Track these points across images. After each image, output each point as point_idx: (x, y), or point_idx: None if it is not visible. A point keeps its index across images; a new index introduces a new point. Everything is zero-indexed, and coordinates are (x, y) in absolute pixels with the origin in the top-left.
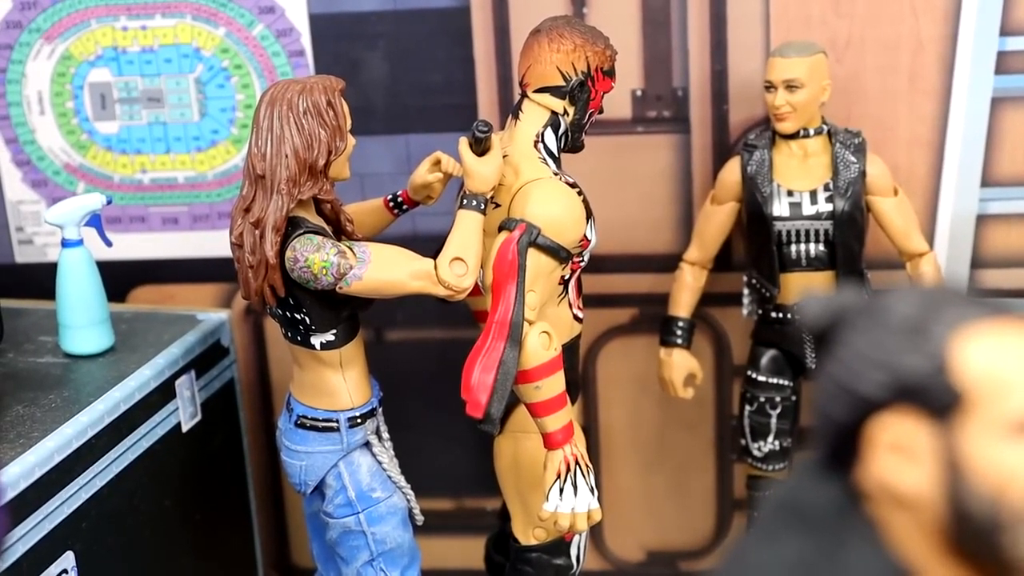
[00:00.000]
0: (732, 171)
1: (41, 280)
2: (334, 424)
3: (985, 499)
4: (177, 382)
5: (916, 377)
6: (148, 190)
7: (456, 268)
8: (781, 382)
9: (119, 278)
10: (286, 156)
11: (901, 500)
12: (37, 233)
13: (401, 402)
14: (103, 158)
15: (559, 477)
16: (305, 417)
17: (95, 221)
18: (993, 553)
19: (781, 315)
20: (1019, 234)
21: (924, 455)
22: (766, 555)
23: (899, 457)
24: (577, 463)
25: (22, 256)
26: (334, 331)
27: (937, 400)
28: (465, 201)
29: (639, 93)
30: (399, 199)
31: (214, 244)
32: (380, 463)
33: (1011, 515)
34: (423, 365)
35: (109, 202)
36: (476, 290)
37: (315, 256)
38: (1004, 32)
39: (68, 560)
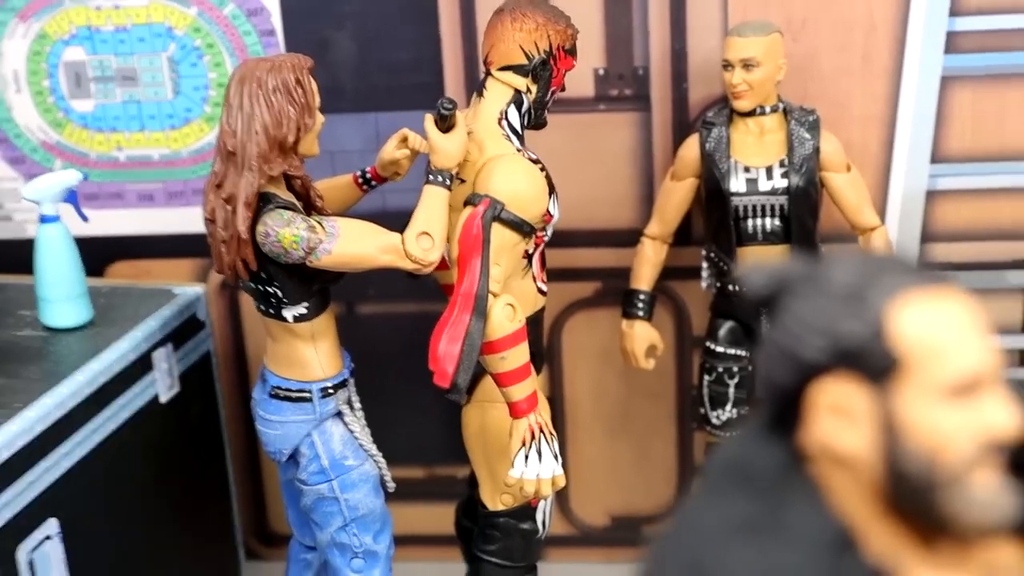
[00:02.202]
0: (691, 148)
1: (20, 255)
2: (307, 394)
3: (920, 459)
4: (154, 355)
5: (854, 342)
6: (124, 167)
7: (422, 242)
8: (738, 352)
9: (96, 253)
10: (256, 133)
11: (841, 460)
12: (16, 209)
13: (372, 373)
14: (79, 136)
15: (524, 445)
16: (279, 388)
17: (72, 197)
18: (928, 511)
19: (738, 288)
20: (967, 209)
21: (863, 417)
22: (713, 514)
23: (839, 419)
24: (542, 431)
25: (2, 233)
26: (305, 304)
27: (875, 364)
28: (431, 177)
29: (601, 72)
30: (368, 175)
31: (189, 220)
32: (352, 432)
33: (945, 475)
34: (394, 337)
35: (85, 178)
36: (443, 264)
37: (285, 231)
38: (953, 13)
39: (51, 527)
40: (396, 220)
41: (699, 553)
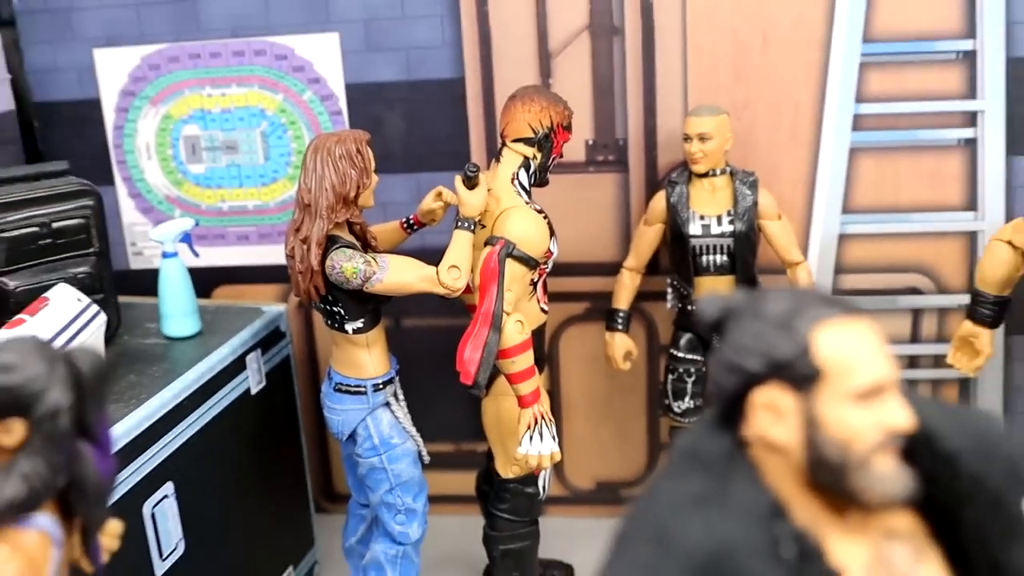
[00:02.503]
0: (659, 201)
1: (148, 281)
2: (363, 389)
3: (835, 448)
4: (247, 357)
5: (786, 359)
6: (226, 215)
7: (452, 273)
8: (695, 357)
9: (205, 280)
10: (326, 190)
11: (774, 448)
12: (146, 247)
13: (414, 372)
14: (193, 191)
15: (529, 428)
16: (341, 384)
17: (187, 238)
18: (841, 486)
19: (694, 308)
20: (870, 248)
21: (791, 415)
22: (674, 489)
23: (773, 417)
24: (543, 417)
25: (135, 264)
26: (362, 320)
27: (801, 376)
28: (459, 223)
29: (590, 142)
30: (411, 221)
31: (275, 255)
32: (397, 418)
33: (854, 459)
34: (430, 345)
35: (197, 224)
36: (468, 289)
37: (347, 264)
38: (859, 100)
39: (168, 488)
40: (432, 256)
41: (663, 519)
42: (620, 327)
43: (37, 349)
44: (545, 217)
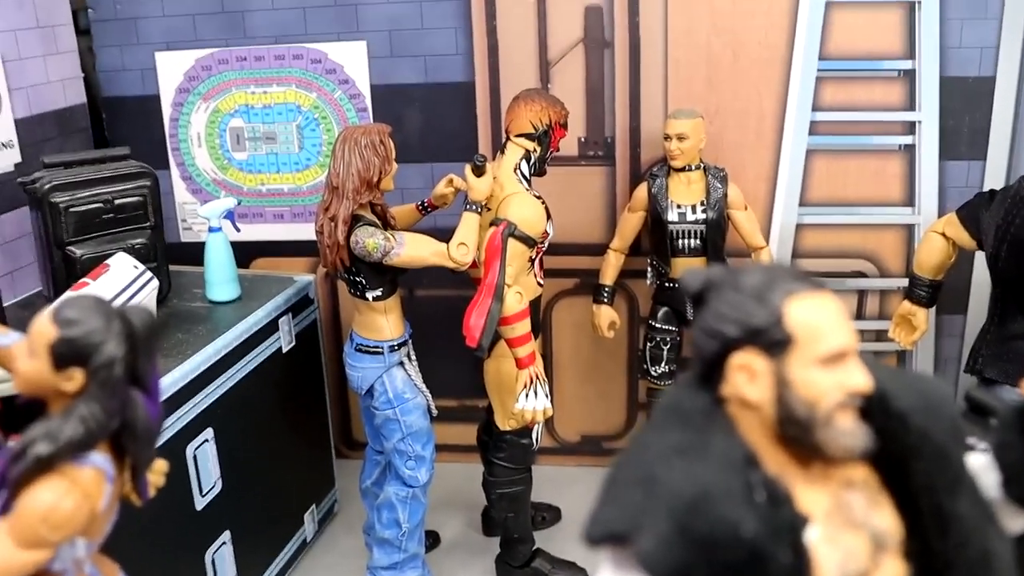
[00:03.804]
0: (642, 191)
1: (196, 253)
2: (380, 349)
3: (803, 406)
4: (280, 320)
5: (760, 326)
6: (265, 196)
7: (461, 249)
8: (670, 328)
9: (245, 253)
10: (353, 175)
11: (749, 405)
12: (195, 223)
13: (426, 336)
14: (237, 175)
15: (525, 386)
16: (361, 344)
17: (230, 216)
18: (807, 440)
19: (671, 285)
20: (822, 237)
21: (764, 376)
22: (659, 439)
23: (748, 377)
24: (537, 377)
25: (185, 238)
26: (381, 288)
27: (774, 341)
28: (468, 206)
29: (583, 139)
30: (426, 204)
31: (307, 232)
32: (409, 375)
33: (820, 416)
34: (440, 313)
35: (239, 204)
36: (474, 264)
37: (370, 240)
38: (815, 109)
39: (209, 433)
40: (443, 235)
41: (649, 467)
42: (606, 300)
43: (96, 306)
44: (543, 202)
